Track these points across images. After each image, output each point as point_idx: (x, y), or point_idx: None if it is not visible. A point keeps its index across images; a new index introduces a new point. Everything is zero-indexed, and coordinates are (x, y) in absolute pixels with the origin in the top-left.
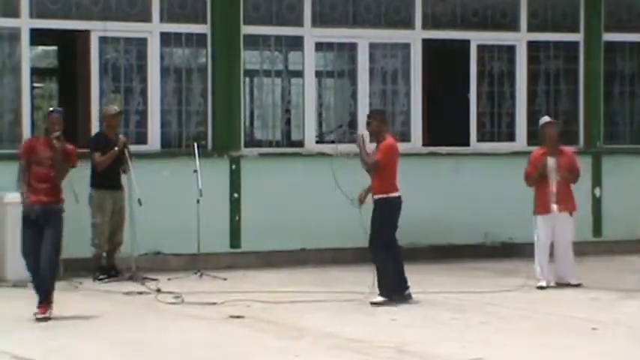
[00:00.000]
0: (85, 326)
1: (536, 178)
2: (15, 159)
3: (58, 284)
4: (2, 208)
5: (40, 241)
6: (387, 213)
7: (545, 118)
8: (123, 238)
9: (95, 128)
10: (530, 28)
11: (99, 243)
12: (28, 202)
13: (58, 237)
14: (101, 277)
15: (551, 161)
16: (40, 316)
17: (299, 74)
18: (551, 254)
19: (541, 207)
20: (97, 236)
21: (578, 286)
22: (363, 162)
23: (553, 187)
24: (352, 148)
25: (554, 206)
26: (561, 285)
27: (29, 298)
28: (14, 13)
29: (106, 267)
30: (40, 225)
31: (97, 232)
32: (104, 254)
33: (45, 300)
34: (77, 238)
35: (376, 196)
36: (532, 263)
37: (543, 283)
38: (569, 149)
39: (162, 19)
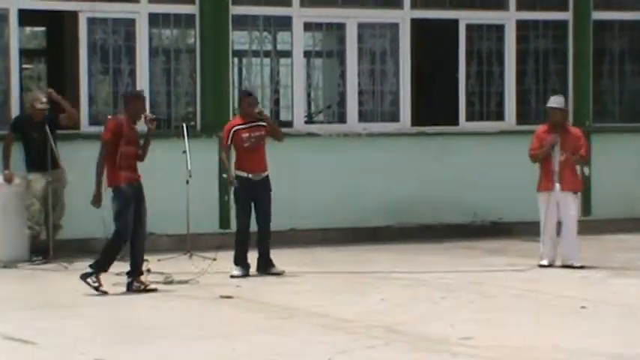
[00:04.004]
0: (76, 307)
1: (541, 155)
2: (3, 139)
3: (47, 265)
4: None
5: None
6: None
7: (551, 102)
8: (60, 219)
9: (84, 109)
10: (519, 7)
11: (30, 225)
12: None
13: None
14: (34, 258)
15: (556, 138)
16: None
17: (288, 54)
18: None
19: (541, 184)
20: (28, 218)
21: (581, 268)
22: (277, 134)
23: (556, 165)
24: (338, 128)
25: (557, 185)
26: (565, 266)
27: (20, 278)
28: None
29: (40, 249)
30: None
31: (28, 214)
32: (42, 236)
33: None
34: (68, 219)
35: (267, 174)
36: (522, 242)
37: (545, 262)
38: (575, 129)
39: (150, 0)
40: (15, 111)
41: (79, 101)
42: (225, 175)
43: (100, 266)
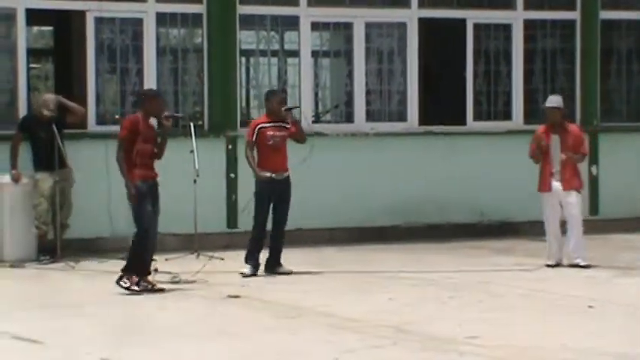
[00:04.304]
0: (84, 306)
1: (538, 154)
2: (10, 139)
3: (54, 265)
4: None
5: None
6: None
7: (549, 102)
8: (67, 219)
9: (92, 108)
10: (527, 7)
11: (37, 224)
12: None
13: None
14: (41, 258)
15: (555, 139)
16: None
17: (295, 54)
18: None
19: (542, 185)
20: (35, 217)
21: (586, 267)
22: (302, 137)
23: (556, 165)
24: (345, 127)
25: (557, 184)
26: (572, 265)
27: (27, 278)
28: None
29: (47, 248)
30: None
31: (35, 213)
32: (49, 236)
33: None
34: (75, 218)
35: (288, 173)
36: (529, 242)
37: (551, 262)
38: (575, 127)
39: None
40: (22, 111)
41: (87, 100)
42: (232, 175)
43: (128, 268)
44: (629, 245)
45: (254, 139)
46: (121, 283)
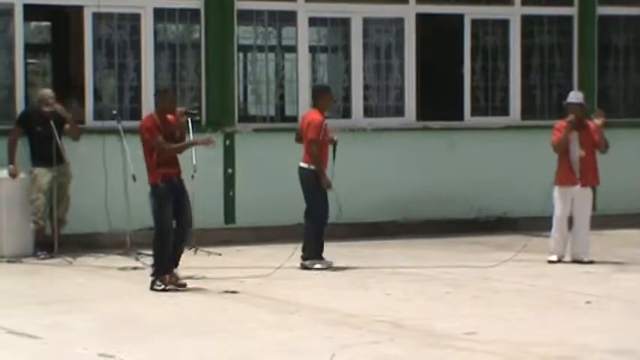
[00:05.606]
0: (81, 302)
1: (565, 142)
2: (7, 134)
3: (52, 260)
4: None
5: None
6: None
7: (574, 98)
8: (65, 215)
9: (89, 104)
10: (524, 2)
11: (35, 219)
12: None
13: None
14: (39, 253)
15: (574, 134)
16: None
17: (292, 49)
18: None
19: (561, 178)
20: (33, 212)
21: (590, 263)
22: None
23: (575, 161)
24: (343, 123)
25: (576, 180)
26: (575, 261)
27: (24, 273)
28: None
29: (45, 243)
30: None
31: (33, 208)
32: (47, 231)
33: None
34: (72, 214)
35: None
36: (527, 237)
37: (554, 258)
38: (592, 122)
39: None
40: (20, 106)
41: (85, 96)
42: (230, 170)
43: (157, 270)
44: (626, 241)
45: (320, 137)
46: (156, 287)
